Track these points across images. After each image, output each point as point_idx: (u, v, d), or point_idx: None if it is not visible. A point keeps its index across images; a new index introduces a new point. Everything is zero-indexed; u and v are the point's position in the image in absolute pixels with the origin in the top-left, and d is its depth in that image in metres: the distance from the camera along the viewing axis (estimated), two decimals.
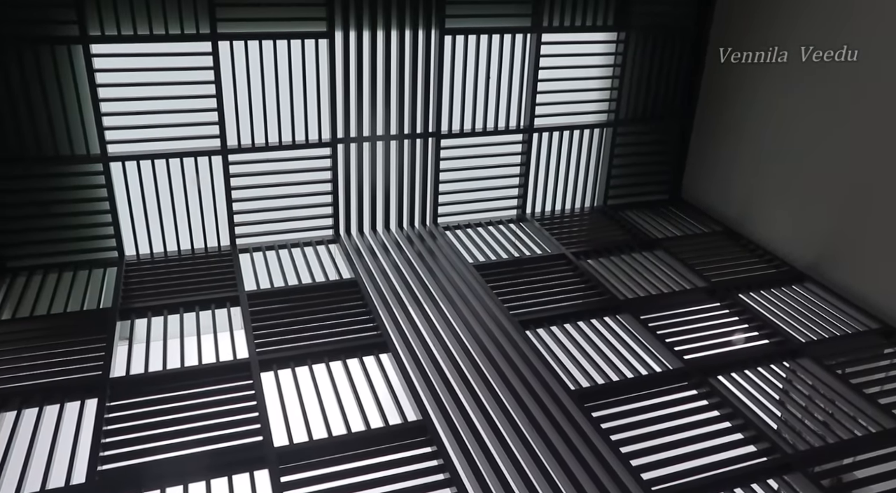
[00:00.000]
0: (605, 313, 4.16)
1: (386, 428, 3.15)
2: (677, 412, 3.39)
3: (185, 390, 3.39)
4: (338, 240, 5.07)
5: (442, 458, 2.96)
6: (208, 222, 4.83)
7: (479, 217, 5.49)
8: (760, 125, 5.03)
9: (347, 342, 3.76)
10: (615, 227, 5.41)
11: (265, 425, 3.12)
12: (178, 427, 3.14)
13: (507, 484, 2.87)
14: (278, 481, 2.82)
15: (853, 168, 4.34)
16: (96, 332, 3.82)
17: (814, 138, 4.60)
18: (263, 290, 4.31)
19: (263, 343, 3.75)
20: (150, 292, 4.30)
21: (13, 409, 3.23)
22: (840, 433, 3.31)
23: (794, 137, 4.75)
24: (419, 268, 4.63)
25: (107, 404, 3.24)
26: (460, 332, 3.92)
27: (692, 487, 2.93)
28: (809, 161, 4.64)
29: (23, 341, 3.78)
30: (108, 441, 3.04)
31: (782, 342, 3.91)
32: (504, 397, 3.40)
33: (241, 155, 4.72)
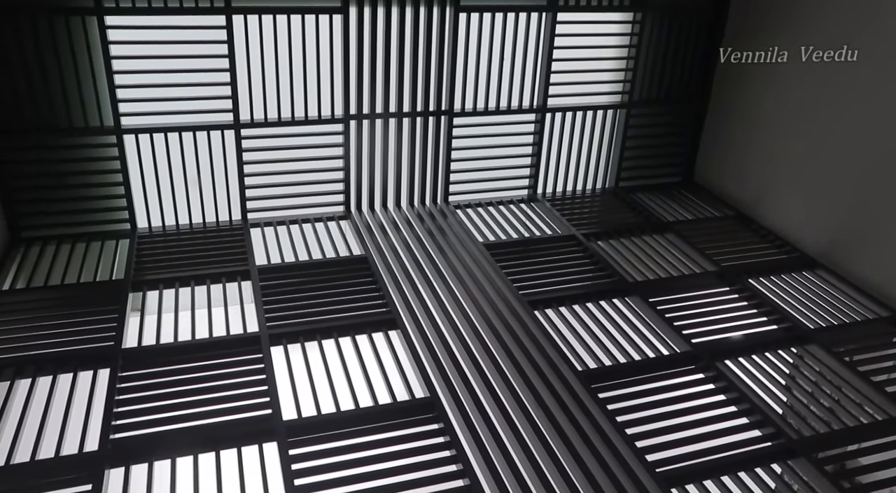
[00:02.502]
0: (614, 294, 4.16)
1: (394, 404, 3.18)
2: (684, 396, 3.41)
3: (196, 362, 3.43)
4: (348, 216, 5.08)
5: (448, 435, 2.99)
6: (220, 197, 4.85)
7: (490, 196, 5.49)
8: (776, 110, 4.99)
9: (357, 318, 3.79)
10: (626, 209, 5.40)
11: (274, 398, 3.15)
12: (189, 399, 3.18)
13: (513, 463, 2.90)
14: (287, 453, 2.86)
15: (868, 156, 4.30)
16: (109, 303, 3.86)
17: (829, 125, 4.56)
18: (274, 264, 4.33)
19: (273, 318, 3.78)
20: (161, 264, 4.33)
21: (28, 377, 3.28)
22: (846, 419, 3.32)
23: (809, 123, 4.71)
24: (429, 246, 4.65)
25: (119, 375, 3.28)
26: (469, 310, 3.94)
27: (696, 469, 2.95)
28: (825, 148, 4.61)
29: (37, 310, 3.82)
30: (121, 411, 3.09)
31: (791, 328, 3.91)
32: (511, 376, 3.42)
33: (253, 130, 4.72)
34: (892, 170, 4.16)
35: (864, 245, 4.35)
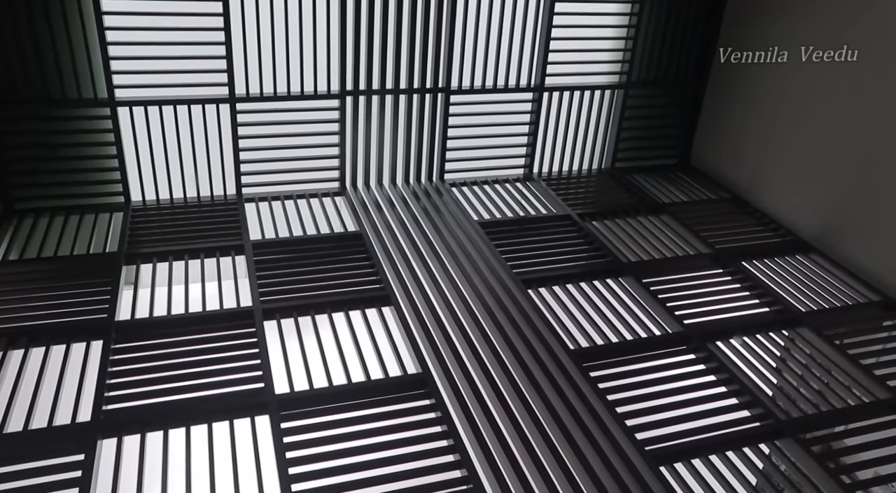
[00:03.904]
0: (608, 274, 4.18)
1: (386, 380, 3.19)
2: (674, 376, 3.43)
3: (189, 335, 3.44)
4: (344, 193, 5.07)
5: (440, 411, 3.01)
6: (215, 171, 4.83)
7: (486, 175, 5.48)
8: (776, 94, 4.97)
9: (350, 294, 3.79)
10: (622, 190, 5.39)
11: (267, 372, 3.17)
12: (181, 372, 3.19)
13: (504, 439, 2.92)
14: (278, 427, 2.87)
15: (865, 143, 4.30)
16: (102, 275, 3.86)
17: (827, 112, 4.55)
18: (268, 239, 4.33)
19: (267, 292, 3.78)
20: (155, 238, 4.32)
21: (21, 347, 3.28)
22: (834, 401, 3.35)
23: (808, 108, 4.70)
24: (424, 223, 4.64)
25: (112, 347, 3.29)
26: (463, 288, 3.95)
27: (685, 448, 2.98)
28: (822, 133, 4.60)
29: (30, 281, 3.82)
30: (113, 382, 3.10)
31: (782, 311, 3.93)
32: (504, 354, 3.44)
33: (249, 104, 4.69)
34: (887, 159, 4.16)
35: (858, 230, 4.37)
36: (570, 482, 2.75)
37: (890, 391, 3.32)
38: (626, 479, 2.78)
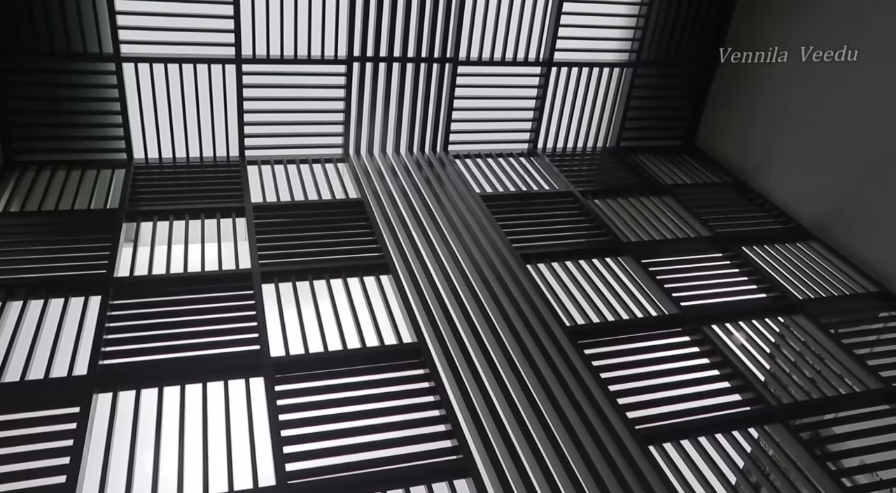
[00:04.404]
0: (607, 253, 4.18)
1: (381, 348, 3.21)
2: (668, 356, 3.45)
3: (187, 294, 3.44)
4: (347, 159, 5.05)
5: (433, 380, 3.03)
6: (218, 132, 4.81)
7: (490, 148, 5.45)
8: (786, 80, 4.93)
9: (349, 261, 3.80)
10: (626, 169, 5.37)
11: (263, 334, 3.18)
12: (178, 330, 3.21)
13: (496, 412, 2.95)
14: (273, 389, 2.89)
15: (873, 135, 4.27)
16: (102, 231, 3.85)
17: (837, 99, 4.52)
18: (269, 203, 4.32)
19: (266, 256, 3.78)
20: (156, 196, 4.31)
21: (19, 299, 3.29)
22: (825, 389, 3.37)
23: (819, 94, 4.66)
24: (426, 194, 4.63)
25: (110, 303, 3.30)
26: (462, 260, 3.95)
27: (675, 429, 3.00)
28: (832, 124, 4.57)
29: (30, 234, 3.82)
30: (110, 338, 3.11)
31: (779, 298, 3.94)
32: (499, 327, 3.45)
33: (255, 66, 4.65)
34: (892, 153, 4.14)
35: (860, 221, 4.36)
36: (559, 457, 2.78)
37: (882, 382, 3.34)
38: (615, 456, 2.81)
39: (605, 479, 2.71)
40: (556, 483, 2.67)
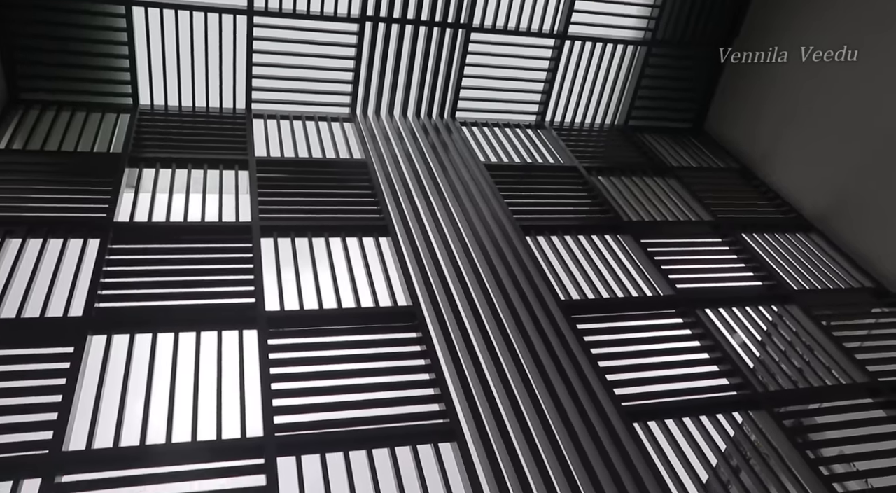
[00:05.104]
0: (607, 230, 4.18)
1: (376, 309, 3.22)
2: (659, 337, 3.47)
3: (186, 243, 3.45)
4: (353, 119, 5.02)
5: (425, 344, 3.05)
6: (226, 83, 4.77)
7: (497, 118, 5.42)
8: (799, 69, 4.88)
9: (350, 221, 3.80)
10: (632, 148, 5.35)
11: (259, 288, 3.19)
12: (175, 278, 3.22)
13: (485, 378, 2.97)
14: (265, 342, 2.91)
15: (882, 132, 4.25)
16: (104, 175, 3.84)
17: (848, 93, 4.48)
18: (273, 158, 4.31)
19: (267, 210, 3.78)
20: (160, 143, 4.29)
21: (18, 237, 3.29)
22: (812, 380, 3.40)
23: (830, 86, 4.62)
24: (430, 159, 4.61)
25: (109, 246, 3.30)
26: (462, 227, 3.95)
27: (660, 408, 3.03)
28: (840, 118, 4.54)
29: (32, 172, 3.81)
30: (108, 281, 3.12)
31: (775, 286, 3.95)
32: (494, 297, 3.46)
33: (266, 18, 4.60)
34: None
35: (861, 217, 4.35)
36: (545, 429, 2.81)
37: (868, 376, 3.36)
38: (600, 431, 2.84)
39: (589, 453, 2.75)
40: (541, 454, 2.70)
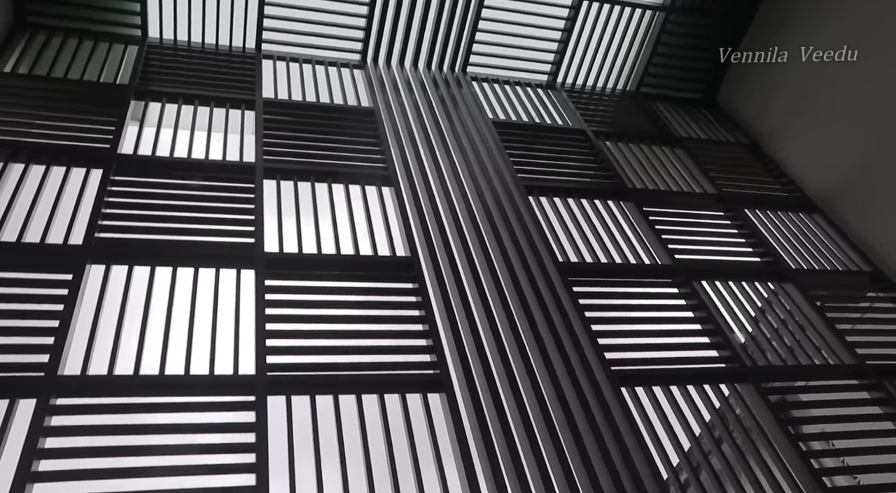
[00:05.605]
0: (611, 196, 4.17)
1: (374, 257, 3.24)
2: (654, 305, 3.50)
3: (188, 180, 3.44)
4: (363, 67, 4.96)
5: (421, 296, 3.06)
6: (237, 20, 4.69)
7: (509, 75, 5.35)
8: (818, 46, 4.81)
9: (354, 169, 3.78)
10: (642, 115, 5.30)
11: (259, 229, 3.19)
12: (176, 213, 3.22)
13: (477, 333, 3.00)
14: (262, 283, 2.92)
15: (891, 117, 4.22)
16: (110, 106, 3.81)
17: (864, 81, 4.43)
18: (281, 100, 4.27)
19: (271, 152, 3.76)
20: (167, 77, 4.25)
21: (21, 162, 3.27)
22: (801, 358, 3.43)
23: (848, 67, 4.56)
24: (438, 112, 4.57)
25: (111, 178, 3.29)
26: (465, 183, 3.93)
27: (649, 374, 3.07)
28: (855, 98, 4.49)
29: (36, 98, 3.77)
30: (109, 212, 3.12)
31: (773, 263, 3.96)
32: (493, 253, 3.47)
33: None
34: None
35: (866, 200, 4.32)
36: (533, 386, 2.84)
37: (856, 358, 3.39)
38: (588, 392, 2.88)
39: (575, 413, 2.78)
40: (527, 411, 2.74)
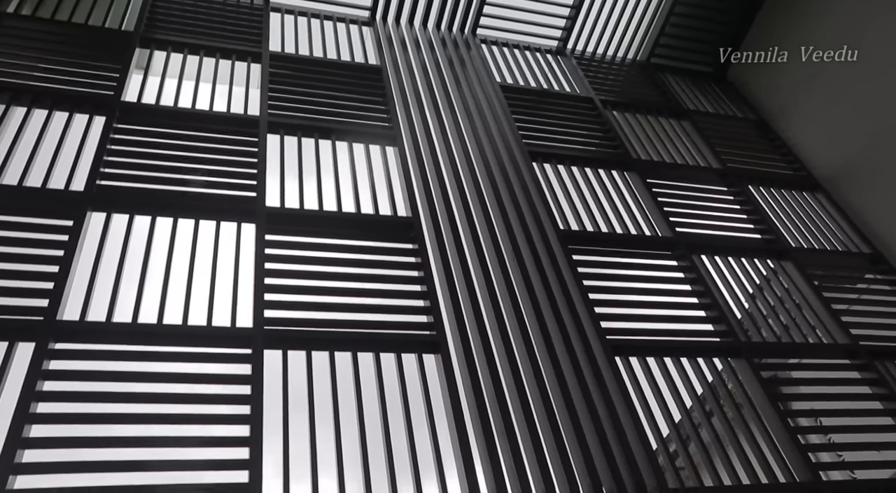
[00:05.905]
0: (615, 166, 4.15)
1: (375, 216, 3.23)
2: (652, 277, 3.51)
3: (192, 130, 3.41)
4: (372, 24, 4.89)
5: (420, 256, 3.07)
6: None
7: (518, 39, 5.28)
8: (834, 23, 4.75)
9: (358, 127, 3.76)
10: (651, 86, 5.25)
11: (261, 183, 3.18)
12: (178, 164, 3.21)
13: (475, 296, 3.01)
14: (262, 237, 2.93)
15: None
16: (114, 52, 3.76)
17: (883, 59, 4.37)
18: (287, 54, 4.22)
19: (276, 106, 3.73)
20: (174, 26, 4.19)
21: (24, 105, 3.24)
22: (795, 336, 3.45)
23: (865, 48, 4.50)
24: (446, 73, 4.52)
25: (114, 125, 3.26)
26: (469, 145, 3.91)
27: (643, 345, 3.09)
28: (867, 79, 4.44)
29: (40, 41, 3.72)
30: (111, 160, 3.11)
31: (773, 241, 3.96)
32: (494, 218, 3.46)
33: None
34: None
35: (871, 183, 4.31)
36: (528, 351, 2.86)
37: (850, 338, 3.41)
38: (581, 360, 2.90)
39: (568, 379, 2.81)
40: (521, 375, 2.76)
